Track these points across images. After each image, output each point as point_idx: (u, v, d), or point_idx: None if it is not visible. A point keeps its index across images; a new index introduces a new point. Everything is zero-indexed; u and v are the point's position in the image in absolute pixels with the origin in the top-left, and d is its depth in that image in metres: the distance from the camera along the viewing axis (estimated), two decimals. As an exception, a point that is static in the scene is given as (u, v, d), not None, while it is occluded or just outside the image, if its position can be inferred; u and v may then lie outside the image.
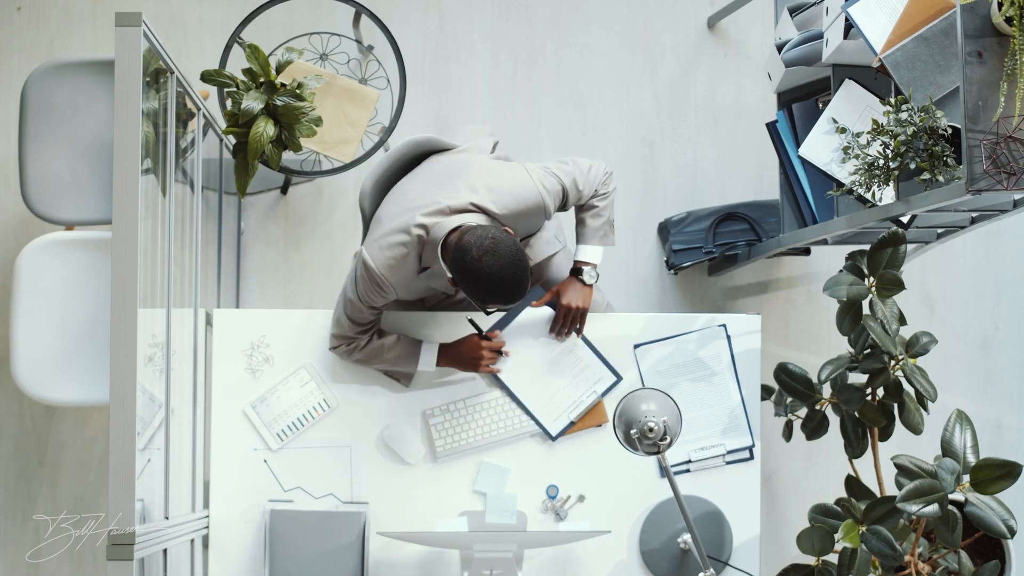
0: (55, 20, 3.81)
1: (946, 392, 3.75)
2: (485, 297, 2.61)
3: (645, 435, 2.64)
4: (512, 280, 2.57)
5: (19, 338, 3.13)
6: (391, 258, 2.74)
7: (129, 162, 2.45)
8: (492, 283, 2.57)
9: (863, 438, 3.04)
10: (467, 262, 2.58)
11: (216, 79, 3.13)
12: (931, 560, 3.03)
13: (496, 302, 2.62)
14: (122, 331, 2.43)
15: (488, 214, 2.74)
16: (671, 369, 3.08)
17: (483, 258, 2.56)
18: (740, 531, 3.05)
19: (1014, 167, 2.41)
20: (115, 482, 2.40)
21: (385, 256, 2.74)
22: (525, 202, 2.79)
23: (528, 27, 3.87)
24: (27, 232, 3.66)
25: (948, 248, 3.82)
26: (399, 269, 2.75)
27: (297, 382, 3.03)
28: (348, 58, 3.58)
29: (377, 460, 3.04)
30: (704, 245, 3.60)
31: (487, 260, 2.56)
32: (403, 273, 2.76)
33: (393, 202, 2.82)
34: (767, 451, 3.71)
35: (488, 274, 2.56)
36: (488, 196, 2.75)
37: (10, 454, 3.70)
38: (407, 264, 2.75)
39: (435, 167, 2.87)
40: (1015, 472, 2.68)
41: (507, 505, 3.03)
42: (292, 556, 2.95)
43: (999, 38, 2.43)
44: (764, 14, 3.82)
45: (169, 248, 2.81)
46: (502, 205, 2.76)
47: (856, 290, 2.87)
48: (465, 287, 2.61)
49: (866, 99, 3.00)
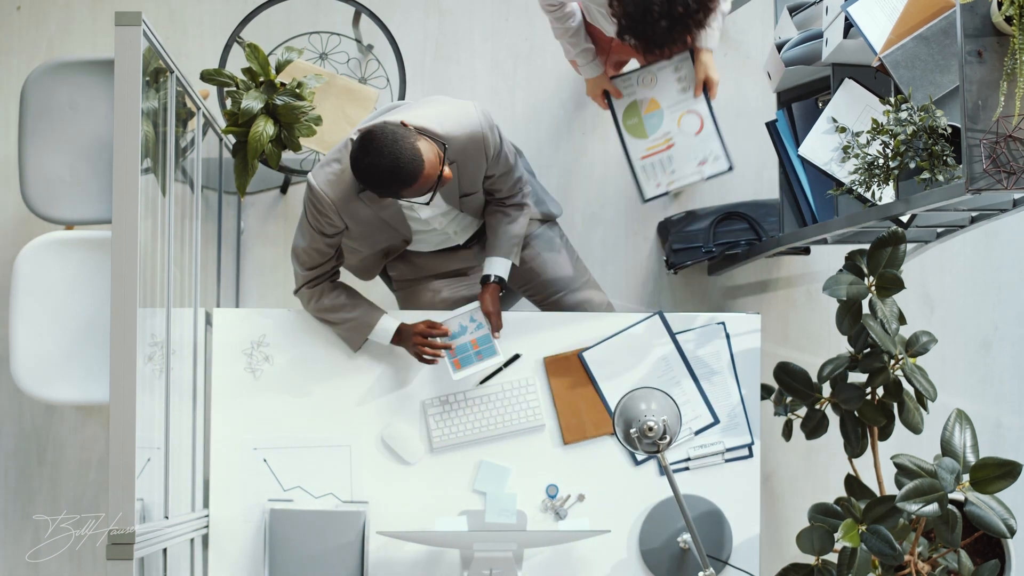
0: (55, 20, 3.81)
1: (946, 392, 3.75)
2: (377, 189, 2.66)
3: (645, 434, 2.64)
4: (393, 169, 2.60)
5: (19, 337, 3.13)
6: (330, 173, 2.80)
7: (129, 162, 2.46)
8: (374, 175, 2.63)
9: (863, 437, 3.04)
10: (353, 161, 2.66)
11: (216, 78, 3.13)
12: (931, 559, 3.03)
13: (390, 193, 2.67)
14: (122, 331, 2.43)
15: (427, 133, 2.74)
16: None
17: (361, 154, 2.63)
18: (740, 530, 3.05)
19: (1014, 166, 2.41)
20: (115, 482, 2.40)
21: (324, 173, 2.81)
22: (464, 127, 2.80)
23: (528, 27, 3.87)
24: (27, 232, 3.66)
25: (948, 248, 3.82)
26: (338, 184, 2.80)
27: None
28: (348, 57, 3.58)
29: (377, 460, 3.04)
30: (704, 244, 3.60)
31: (363, 156, 2.63)
32: (342, 189, 2.80)
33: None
34: (767, 450, 3.71)
35: (369, 167, 2.63)
36: (428, 114, 2.78)
37: (10, 454, 3.70)
38: (345, 179, 2.79)
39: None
40: (1015, 471, 2.68)
41: (507, 504, 3.03)
42: (292, 556, 2.95)
43: (999, 37, 2.43)
44: (764, 14, 3.82)
45: (169, 248, 2.81)
46: (439, 124, 2.77)
47: (856, 289, 2.87)
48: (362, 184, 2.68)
49: (866, 98, 3.00)
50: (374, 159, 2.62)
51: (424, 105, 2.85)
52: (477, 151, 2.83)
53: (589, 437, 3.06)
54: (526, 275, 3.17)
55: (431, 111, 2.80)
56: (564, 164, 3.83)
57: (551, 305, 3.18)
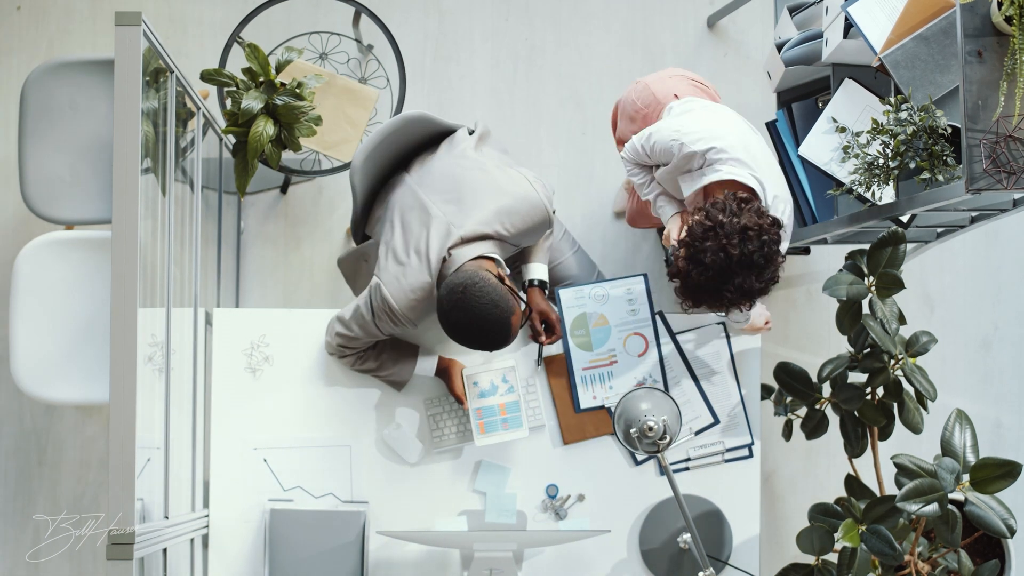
0: (55, 20, 3.81)
1: (946, 391, 3.75)
2: (467, 345, 2.66)
3: (645, 434, 2.64)
4: (479, 332, 2.61)
5: (19, 337, 3.13)
6: (414, 300, 2.76)
7: (129, 161, 2.46)
8: (463, 334, 2.63)
9: (863, 437, 3.04)
10: (440, 312, 2.64)
11: (216, 78, 3.13)
12: (931, 559, 3.03)
13: (473, 347, 2.67)
14: (122, 330, 2.43)
15: (499, 239, 2.75)
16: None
17: (452, 312, 2.61)
18: (740, 530, 3.05)
19: (1014, 166, 2.41)
20: (115, 482, 2.40)
21: (408, 298, 2.76)
22: (533, 219, 2.80)
23: (528, 27, 3.87)
24: (27, 232, 3.66)
25: (948, 248, 3.82)
26: (419, 308, 2.77)
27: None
28: (348, 57, 3.58)
29: (377, 460, 3.04)
30: (704, 245, 3.60)
31: (454, 315, 2.61)
32: (424, 310, 2.78)
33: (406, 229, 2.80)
34: (767, 450, 3.71)
35: (456, 326, 2.62)
36: (498, 219, 2.76)
37: (10, 453, 3.70)
38: (430, 307, 2.77)
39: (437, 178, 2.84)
40: (1015, 471, 2.68)
41: (507, 504, 3.03)
42: (292, 556, 2.95)
43: (999, 37, 2.43)
44: (764, 13, 3.82)
45: (169, 248, 2.81)
46: (512, 226, 2.77)
47: (856, 289, 2.87)
48: (451, 336, 2.66)
49: (866, 98, 3.00)
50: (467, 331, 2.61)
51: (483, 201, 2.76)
52: (540, 229, 2.85)
53: (589, 437, 3.06)
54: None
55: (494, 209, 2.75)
56: (564, 164, 3.83)
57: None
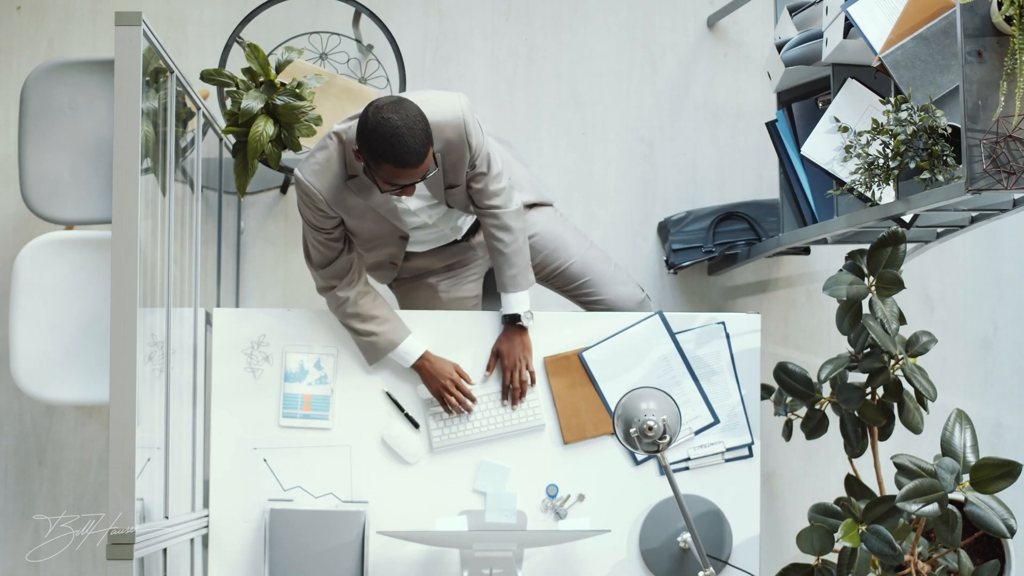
0: (54, 20, 3.81)
1: (946, 392, 3.75)
2: (380, 151, 2.61)
3: (644, 434, 2.64)
4: (405, 132, 2.58)
5: (19, 337, 3.13)
6: (314, 164, 2.80)
7: (129, 162, 2.45)
8: (387, 131, 2.59)
9: (863, 437, 3.04)
10: (368, 115, 2.62)
11: (216, 79, 3.13)
12: (931, 559, 3.03)
13: (391, 160, 2.61)
14: (122, 330, 2.43)
15: None
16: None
17: (383, 109, 2.60)
18: (740, 530, 3.05)
19: (1014, 166, 2.41)
20: (115, 482, 2.40)
21: (309, 164, 2.81)
22: (448, 115, 2.79)
23: (528, 27, 3.87)
24: (27, 232, 3.66)
25: (948, 248, 3.82)
26: (324, 174, 2.79)
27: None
28: (348, 57, 3.58)
29: (377, 460, 3.04)
30: (704, 244, 3.60)
31: (385, 111, 2.60)
32: (329, 179, 2.80)
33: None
34: (767, 451, 3.71)
35: (384, 120, 2.59)
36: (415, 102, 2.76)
37: (10, 453, 3.70)
38: (330, 168, 2.79)
39: None
40: (1015, 471, 2.68)
41: (507, 504, 3.03)
42: (292, 555, 2.95)
43: (999, 37, 2.43)
44: (764, 13, 3.82)
45: (169, 248, 2.81)
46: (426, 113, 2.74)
47: (856, 289, 2.87)
48: (364, 146, 2.63)
49: (868, 98, 3.00)
50: (390, 117, 2.60)
51: (411, 95, 2.83)
52: (460, 141, 2.82)
53: (589, 437, 3.06)
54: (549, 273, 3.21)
55: (417, 99, 2.79)
56: (564, 164, 3.83)
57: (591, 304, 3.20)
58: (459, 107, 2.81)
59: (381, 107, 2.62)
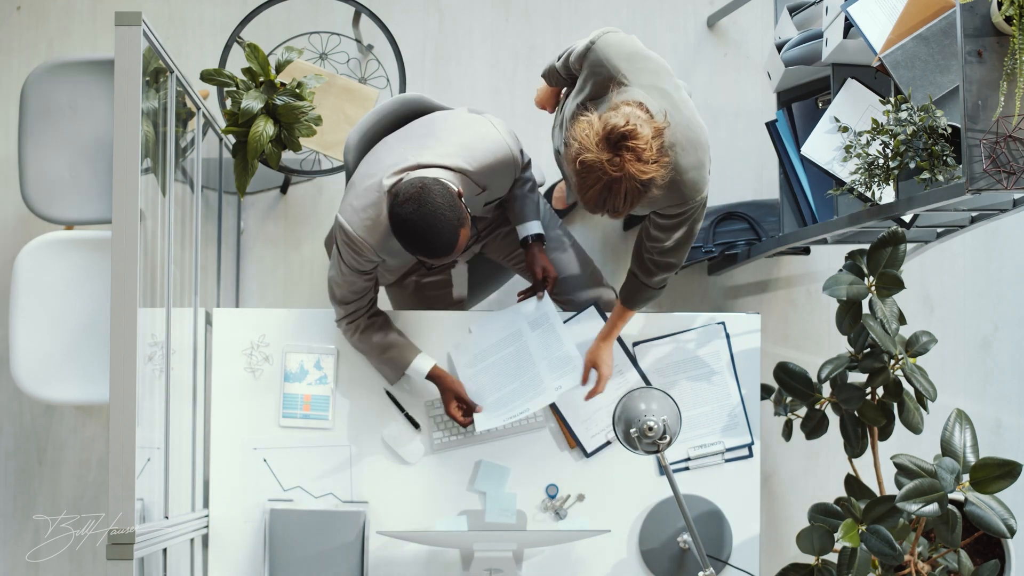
0: (55, 20, 3.81)
1: (946, 392, 3.75)
2: (408, 247, 2.59)
3: (644, 434, 2.64)
4: (427, 231, 2.54)
5: (18, 337, 3.13)
6: (366, 219, 2.72)
7: (129, 162, 2.45)
8: (409, 231, 2.55)
9: (863, 437, 3.04)
10: (392, 208, 2.58)
11: (216, 78, 3.13)
12: (931, 559, 3.03)
13: (418, 253, 2.59)
14: (122, 331, 2.43)
15: (460, 172, 2.72)
16: (670, 367, 3.08)
17: (404, 205, 2.55)
18: (740, 530, 3.05)
19: (1014, 166, 2.41)
20: (115, 482, 2.40)
21: (360, 218, 2.72)
22: (494, 154, 2.77)
23: (528, 27, 3.87)
24: (27, 232, 3.66)
25: (948, 248, 3.82)
26: (375, 229, 2.73)
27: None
28: (348, 57, 3.58)
29: (377, 460, 3.04)
30: (704, 244, 3.60)
31: (407, 208, 2.54)
32: (380, 233, 2.74)
33: (367, 163, 2.80)
34: (767, 450, 3.71)
35: (405, 221, 2.55)
36: (459, 152, 2.73)
37: (10, 453, 3.70)
38: (381, 223, 2.72)
39: (414, 126, 2.85)
40: (1015, 471, 2.68)
41: (507, 504, 3.03)
42: (292, 556, 2.95)
43: (999, 37, 2.43)
44: (764, 13, 3.82)
45: (169, 248, 2.81)
46: (473, 160, 2.74)
47: (856, 289, 2.87)
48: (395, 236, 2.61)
49: (868, 98, 3.00)
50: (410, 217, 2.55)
51: (445, 137, 2.76)
52: (506, 172, 2.82)
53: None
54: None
55: (455, 143, 2.74)
56: (564, 164, 3.83)
57: (562, 304, 3.18)
58: (501, 141, 2.78)
59: (402, 202, 2.55)
